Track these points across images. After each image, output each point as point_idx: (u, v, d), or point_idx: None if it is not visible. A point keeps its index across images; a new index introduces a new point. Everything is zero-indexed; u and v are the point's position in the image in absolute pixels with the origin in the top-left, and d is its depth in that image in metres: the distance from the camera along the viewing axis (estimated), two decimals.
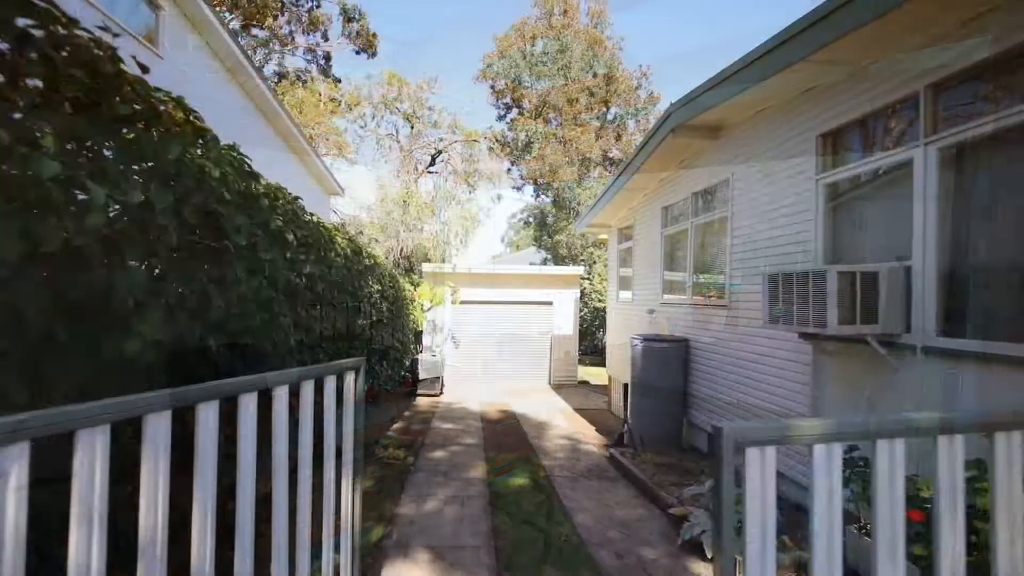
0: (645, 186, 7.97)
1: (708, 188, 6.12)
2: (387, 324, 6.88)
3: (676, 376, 6.37)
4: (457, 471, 5.45)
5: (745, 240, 5.24)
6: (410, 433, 7.19)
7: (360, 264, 5.06)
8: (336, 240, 4.07)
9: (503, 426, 7.93)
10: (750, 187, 5.19)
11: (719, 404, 5.68)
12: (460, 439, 6.94)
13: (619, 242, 9.73)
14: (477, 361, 13.09)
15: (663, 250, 7.42)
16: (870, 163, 3.70)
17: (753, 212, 5.11)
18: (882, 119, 3.69)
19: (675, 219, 7.19)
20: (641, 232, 8.39)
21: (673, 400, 6.34)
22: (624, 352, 8.86)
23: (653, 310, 7.71)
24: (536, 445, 6.72)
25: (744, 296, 5.23)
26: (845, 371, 3.87)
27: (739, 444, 1.14)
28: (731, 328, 5.47)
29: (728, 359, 5.51)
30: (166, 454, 1.32)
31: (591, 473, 5.52)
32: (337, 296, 4.17)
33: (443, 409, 9.25)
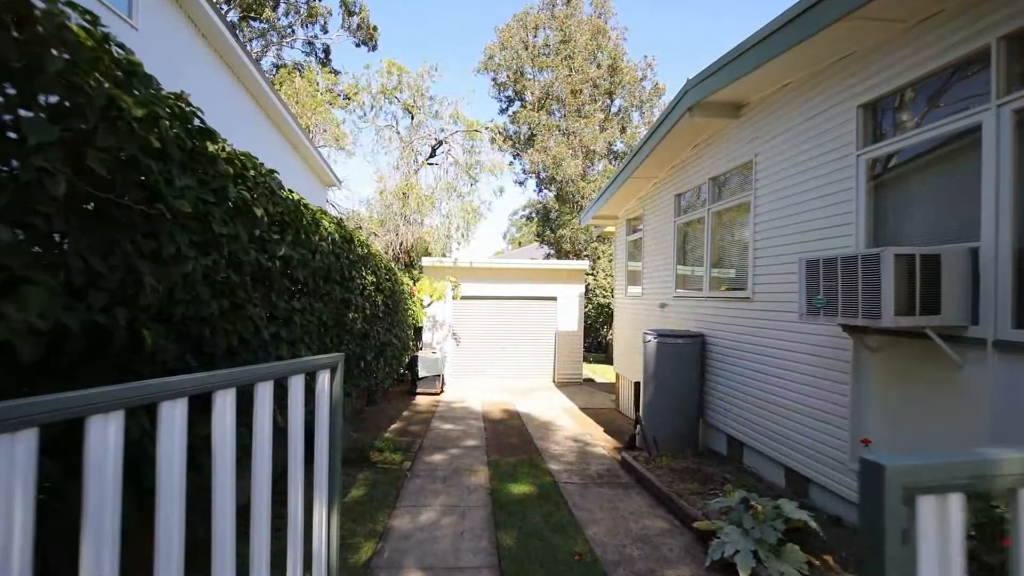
0: (655, 174, 7.53)
1: (727, 172, 5.69)
2: (383, 319, 6.47)
3: (692, 374, 5.94)
4: (457, 477, 5.04)
5: (770, 226, 4.80)
6: (408, 434, 6.79)
7: (351, 252, 4.64)
8: (322, 223, 3.65)
9: (506, 426, 7.53)
10: (776, 168, 4.75)
11: (739, 404, 5.26)
12: (461, 441, 6.53)
13: (627, 234, 9.29)
14: (479, 358, 12.68)
15: (676, 241, 6.98)
16: (925, 132, 3.25)
17: (780, 195, 4.68)
18: (939, 81, 3.25)
19: (689, 207, 6.76)
20: (651, 222, 7.96)
21: (688, 400, 5.92)
22: (633, 349, 8.44)
23: (665, 304, 7.29)
24: (542, 447, 6.31)
25: (769, 287, 4.80)
26: (894, 369, 3.43)
27: (909, 491, 0.71)
28: (754, 322, 5.04)
29: (750, 356, 5.09)
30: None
31: (602, 479, 5.11)
32: (323, 286, 3.75)
33: (443, 408, 8.85)
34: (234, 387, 1.43)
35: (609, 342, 22.64)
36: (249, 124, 7.68)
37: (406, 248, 14.62)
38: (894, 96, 3.57)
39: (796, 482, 4.43)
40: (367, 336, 5.74)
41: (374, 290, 5.78)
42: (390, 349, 7.65)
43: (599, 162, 19.97)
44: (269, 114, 8.49)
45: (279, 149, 8.86)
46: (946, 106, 3.21)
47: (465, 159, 14.69)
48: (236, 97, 7.34)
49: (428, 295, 11.07)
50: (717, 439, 5.82)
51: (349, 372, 5.59)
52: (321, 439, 1.86)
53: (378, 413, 8.14)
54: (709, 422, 5.95)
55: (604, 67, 20.41)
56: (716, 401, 5.78)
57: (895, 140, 3.48)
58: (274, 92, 7.95)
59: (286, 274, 2.95)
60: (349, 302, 4.60)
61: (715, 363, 5.81)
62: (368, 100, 16.13)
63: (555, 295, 12.81)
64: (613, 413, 9.04)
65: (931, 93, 3.33)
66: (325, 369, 1.89)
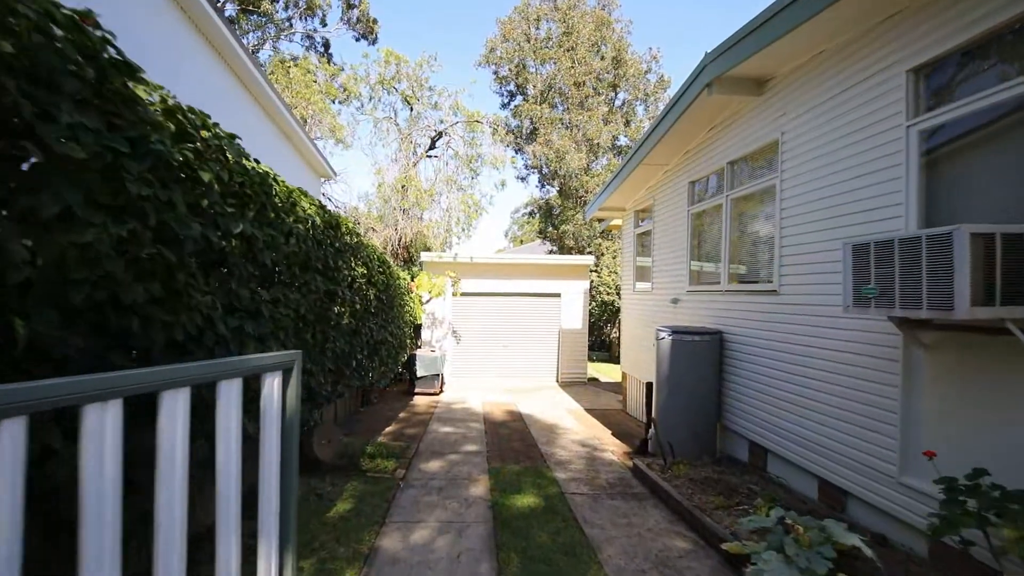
0: (667, 160, 7.08)
1: (749, 154, 5.23)
2: (376, 315, 6.03)
3: (709, 374, 5.50)
4: (455, 487, 4.60)
5: (799, 211, 4.35)
6: (404, 438, 6.36)
7: (337, 240, 4.20)
8: (299, 203, 3.22)
9: (508, 429, 7.09)
10: (806, 147, 4.29)
11: (762, 407, 4.81)
12: (460, 445, 6.10)
13: (635, 226, 8.83)
14: (480, 357, 12.25)
15: (690, 231, 6.53)
16: (993, 95, 2.80)
17: (811, 176, 4.23)
18: (1011, 36, 2.79)
19: (704, 195, 6.30)
20: (662, 213, 7.50)
21: (705, 401, 5.47)
22: (642, 347, 8.00)
23: (677, 299, 6.84)
24: (546, 453, 5.87)
25: (798, 278, 4.35)
26: (956, 370, 2.98)
27: None
28: (780, 317, 4.59)
29: (775, 354, 4.64)
30: None
31: (614, 489, 4.67)
32: (301, 274, 3.31)
33: (442, 409, 8.41)
34: (119, 397, 0.99)
35: (613, 340, 22.19)
36: (231, 104, 7.24)
37: (405, 244, 14.17)
38: (953, 57, 3.11)
39: (831, 494, 3.98)
40: (357, 333, 5.31)
41: (365, 283, 5.34)
42: (385, 347, 7.23)
43: (603, 156, 19.49)
44: (259, 100, 8.05)
45: (268, 136, 8.41)
46: (1021, 63, 2.75)
47: (466, 151, 14.20)
48: (216, 74, 6.87)
49: (427, 291, 10.63)
50: (737, 444, 5.37)
51: (339, 372, 5.17)
52: (268, 464, 1.42)
53: (373, 415, 7.71)
54: (727, 426, 5.50)
55: (608, 59, 19.93)
56: (735, 403, 5.33)
57: (955, 106, 3.02)
58: (261, 73, 7.50)
59: (250, 258, 2.52)
60: (335, 295, 4.16)
61: (734, 362, 5.36)
62: (366, 91, 15.66)
63: (559, 291, 12.36)
64: (620, 415, 8.60)
65: (1000, 50, 2.88)
66: (273, 371, 1.45)
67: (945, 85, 3.20)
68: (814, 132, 4.21)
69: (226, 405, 1.30)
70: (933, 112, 3.17)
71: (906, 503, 3.24)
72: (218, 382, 1.29)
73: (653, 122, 6.48)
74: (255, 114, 7.93)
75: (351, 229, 4.81)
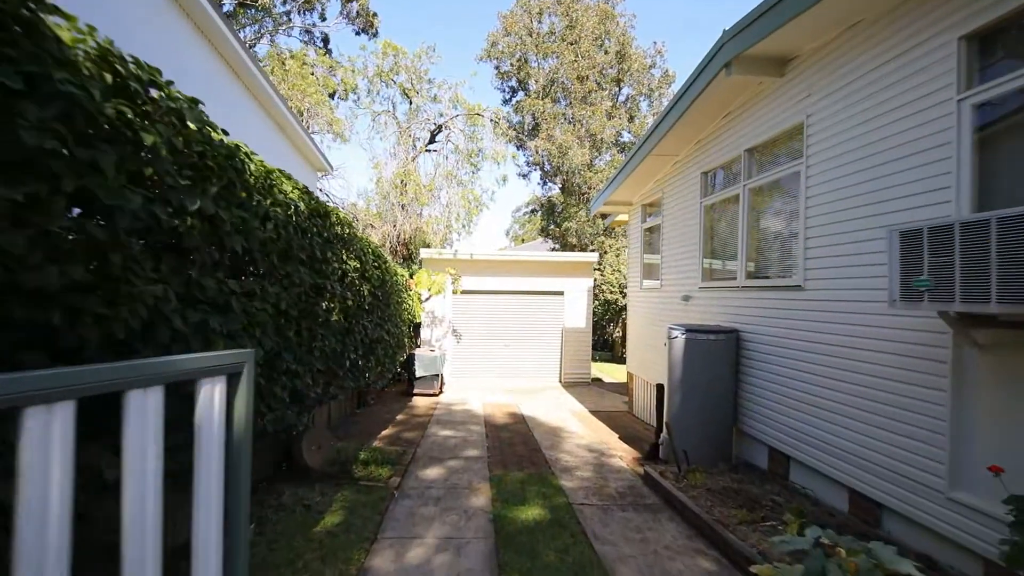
0: (677, 150, 6.74)
1: (770, 140, 4.88)
2: (371, 312, 5.70)
3: (724, 375, 5.16)
4: (454, 497, 4.27)
5: (828, 198, 4.01)
6: (400, 442, 6.02)
7: (326, 230, 3.87)
8: (278, 185, 2.88)
9: (511, 433, 6.76)
10: (836, 129, 3.95)
11: (784, 411, 4.48)
12: (460, 450, 5.76)
13: (643, 220, 8.49)
14: (481, 357, 11.92)
15: (702, 225, 6.19)
16: None
17: (842, 161, 3.88)
18: None
19: (719, 186, 5.96)
20: (672, 206, 7.16)
21: (721, 405, 5.14)
22: (650, 347, 7.67)
23: (689, 297, 6.50)
24: (551, 458, 5.54)
25: (826, 271, 4.00)
26: (1018, 373, 2.64)
27: None
28: (805, 314, 4.25)
29: (799, 354, 4.30)
30: None
31: (625, 499, 4.33)
32: (281, 265, 2.98)
33: (442, 411, 8.08)
34: None
35: (616, 340, 21.86)
36: (219, 91, 6.90)
37: (404, 240, 13.82)
38: (1012, 21, 2.77)
39: (864, 507, 3.64)
40: (350, 331, 4.98)
41: (359, 278, 5.01)
42: (381, 346, 6.90)
43: (606, 152, 19.13)
44: (250, 89, 7.72)
45: (259, 124, 8.07)
46: None
47: (466, 146, 13.82)
48: (203, 59, 6.53)
49: (426, 289, 10.30)
50: (755, 450, 5.03)
51: (331, 373, 4.85)
52: (204, 506, 1.08)
53: (369, 417, 7.38)
54: (744, 430, 5.16)
55: (612, 54, 19.57)
56: (753, 407, 4.99)
57: (1015, 77, 2.68)
58: (251, 57, 7.16)
59: (216, 242, 2.18)
60: (322, 289, 3.83)
61: (752, 362, 5.02)
62: (364, 84, 15.29)
63: (562, 289, 12.03)
64: (627, 417, 8.27)
65: None
66: (213, 377, 1.12)
67: (1003, 53, 2.86)
68: (845, 113, 3.86)
69: (139, 427, 0.95)
70: (989, 84, 2.83)
71: (957, 521, 2.90)
72: (125, 393, 0.95)
73: (664, 110, 6.14)
74: (245, 103, 7.59)
75: (343, 219, 4.48)
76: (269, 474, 4.47)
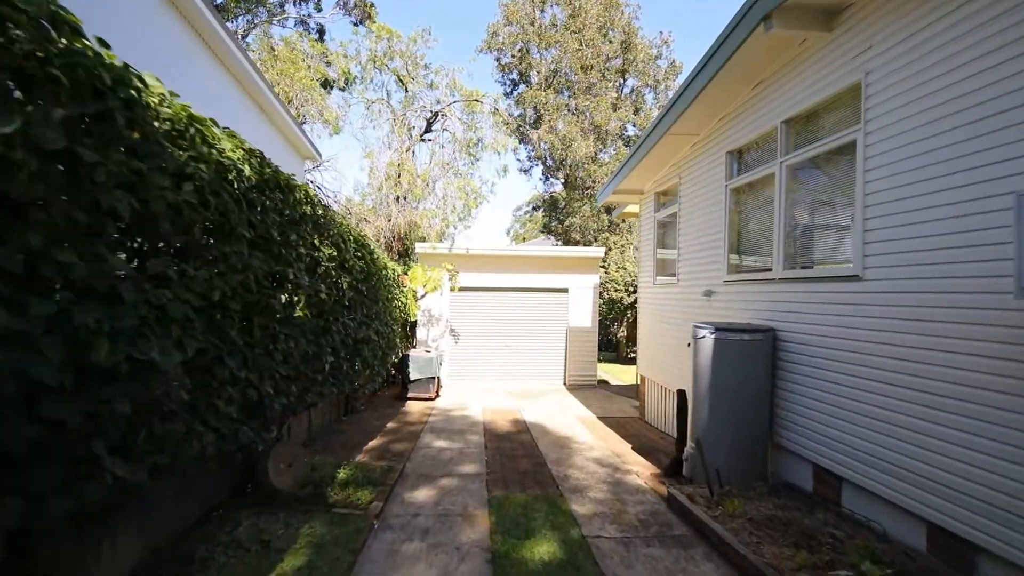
0: (698, 129, 6.05)
1: (815, 107, 4.19)
2: (353, 308, 5.02)
3: (759, 381, 4.48)
4: (446, 527, 3.59)
5: (897, 169, 3.32)
6: (388, 456, 5.34)
7: (288, 206, 3.18)
8: (208, 137, 2.20)
9: (512, 443, 6.08)
10: (906, 85, 3.26)
11: (834, 424, 3.79)
12: (455, 465, 5.08)
13: (656, 210, 7.80)
14: (480, 358, 11.24)
15: (728, 211, 5.50)
16: None
17: (917, 123, 3.19)
18: None
19: (748, 166, 5.27)
20: (691, 192, 6.47)
21: (756, 415, 4.45)
22: (664, 347, 6.98)
23: (711, 292, 5.81)
24: (559, 475, 4.86)
25: (894, 256, 3.31)
26: None
27: None
28: (863, 308, 3.56)
29: (856, 357, 3.61)
30: None
31: (649, 530, 3.64)
32: (215, 244, 2.30)
33: (438, 417, 7.41)
34: None
35: (620, 340, 21.17)
36: (192, 66, 6.23)
37: (399, 235, 13.15)
38: None
39: (950, 548, 2.95)
40: (327, 330, 4.30)
41: (336, 268, 4.33)
42: (369, 347, 6.22)
43: (611, 144, 18.43)
44: (231, 70, 7.06)
45: (236, 103, 7.38)
46: None
47: (465, 136, 13.13)
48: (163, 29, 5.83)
49: (421, 285, 9.63)
50: (795, 468, 4.34)
51: (308, 379, 4.18)
52: None
53: (356, 425, 6.70)
54: (782, 445, 4.47)
55: (616, 43, 18.87)
56: (794, 417, 4.30)
57: None
58: (230, 36, 6.49)
59: (79, 197, 1.50)
60: (283, 278, 3.14)
61: (792, 366, 4.34)
62: (357, 71, 14.57)
63: (566, 286, 11.35)
64: (638, 424, 7.59)
65: None
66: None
67: None
68: (921, 64, 3.17)
69: None
70: None
71: None
72: None
73: (684, 81, 5.45)
74: (225, 83, 6.91)
75: (314, 198, 3.79)
76: (226, 498, 3.78)
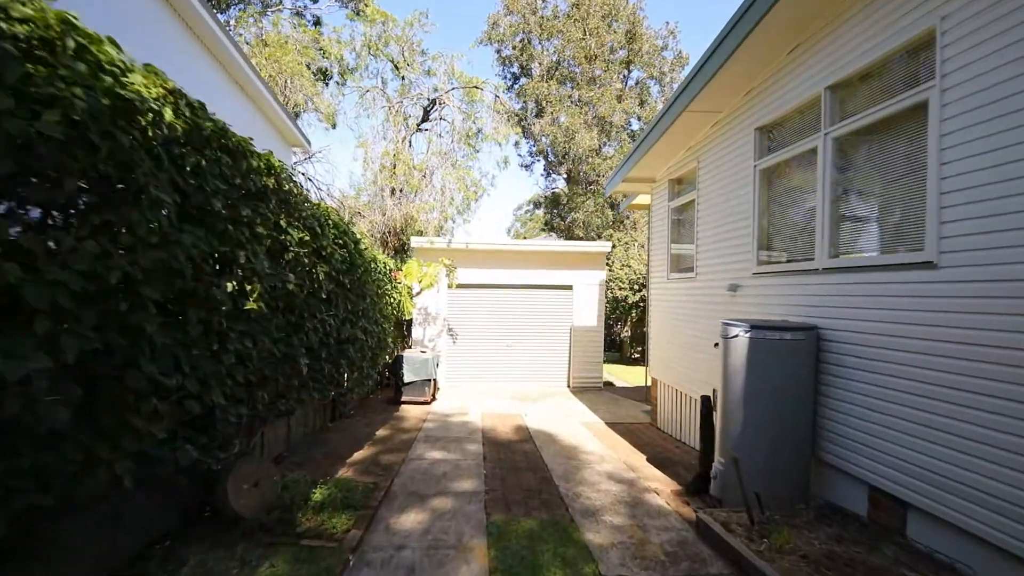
0: (719, 106, 5.46)
1: (868, 67, 3.59)
2: (332, 303, 4.42)
3: (801, 386, 3.88)
4: (435, 565, 2.98)
5: (988, 129, 2.72)
6: (375, 470, 4.74)
7: (240, 173, 2.58)
8: (101, 55, 1.60)
9: (515, 454, 5.48)
10: (999, 27, 2.66)
11: (897, 439, 3.19)
12: (450, 481, 4.48)
13: (670, 198, 7.19)
14: (479, 358, 10.65)
15: (757, 194, 4.89)
16: None
17: (1008, 72, 2.59)
18: None
19: (783, 142, 4.67)
20: (712, 176, 5.87)
21: (794, 425, 3.85)
22: (674, 346, 6.37)
23: (738, 286, 5.21)
24: (568, 493, 4.26)
25: (991, 238, 2.71)
26: None
27: None
28: (940, 303, 2.96)
29: (928, 360, 3.01)
30: None
31: (679, 566, 3.04)
32: (116, 207, 1.69)
33: (433, 424, 6.81)
34: None
35: (624, 340, 20.55)
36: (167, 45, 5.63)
37: (395, 230, 12.54)
38: None
39: None
40: (300, 329, 3.70)
41: (311, 256, 3.73)
42: (356, 347, 5.63)
43: (616, 137, 17.81)
44: (212, 51, 6.48)
45: (219, 86, 6.79)
46: None
47: (464, 126, 12.53)
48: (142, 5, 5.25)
49: (416, 281, 9.03)
50: (845, 489, 3.73)
51: (282, 385, 3.60)
52: None
53: (343, 433, 6.10)
54: (827, 460, 3.86)
55: (621, 33, 18.25)
56: (843, 428, 3.70)
57: None
58: (212, 17, 5.90)
59: None
60: (230, 263, 2.54)
61: (841, 369, 3.73)
62: (351, 58, 13.95)
63: (570, 283, 10.75)
64: (651, 431, 6.99)
65: None
66: None
67: None
68: (1013, 2, 2.57)
69: None
70: None
71: None
72: None
73: (708, 50, 4.85)
74: (201, 60, 6.32)
75: (280, 170, 3.19)
76: (175, 526, 3.17)
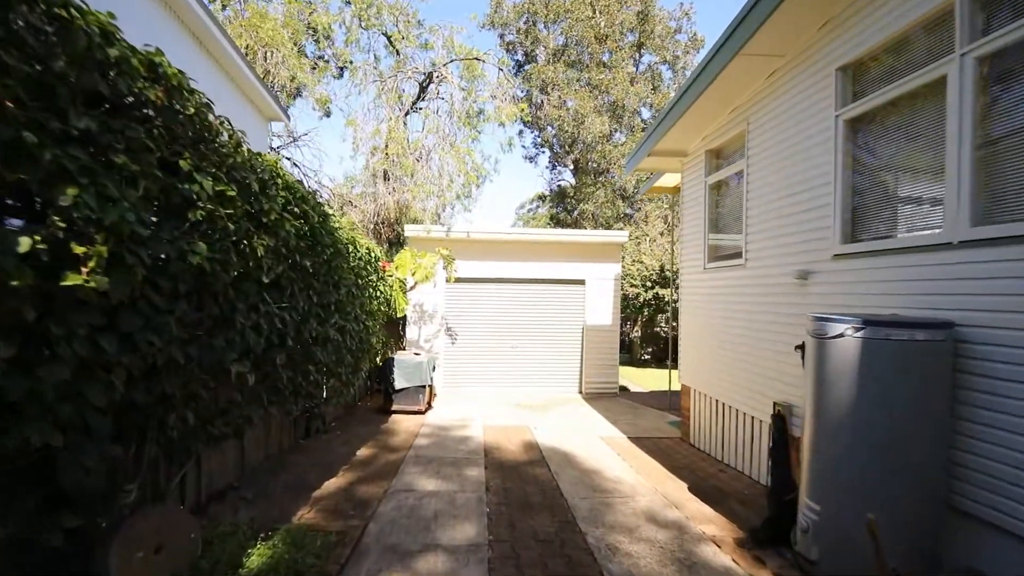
0: (782, 47, 4.37)
1: None
2: (286, 289, 3.32)
3: (931, 405, 2.78)
4: None
5: None
6: (344, 509, 3.65)
7: (73, 42, 1.49)
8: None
9: (525, 481, 4.40)
10: None
11: None
12: (442, 527, 3.39)
13: (707, 173, 6.09)
14: (481, 361, 9.58)
15: (840, 153, 3.79)
16: None
17: None
18: None
19: (881, 79, 3.56)
20: (770, 138, 4.77)
21: (921, 460, 2.76)
22: (717, 348, 5.24)
23: (809, 272, 4.11)
24: (598, 546, 3.17)
25: None
26: None
27: None
28: None
29: None
30: None
31: None
32: None
33: (426, 439, 5.73)
34: None
35: (634, 340, 19.44)
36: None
37: (388, 219, 11.48)
38: None
39: None
40: (227, 324, 2.62)
41: (242, 221, 2.64)
42: (327, 350, 4.55)
43: (629, 121, 16.68)
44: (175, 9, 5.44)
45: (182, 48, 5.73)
46: None
47: (463, 105, 11.45)
48: None
49: (409, 273, 7.95)
50: (998, 551, 2.62)
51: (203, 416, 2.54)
52: None
53: (315, 453, 5.01)
54: (970, 512, 2.76)
55: (632, 13, 17.14)
56: (998, 467, 2.59)
57: None
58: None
59: None
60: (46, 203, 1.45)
61: (994, 384, 2.63)
62: (341, 31, 12.89)
63: (583, 277, 9.66)
64: (684, 448, 5.89)
65: None
66: None
67: None
68: None
69: None
70: None
71: None
72: None
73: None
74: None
75: (184, 85, 2.11)
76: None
